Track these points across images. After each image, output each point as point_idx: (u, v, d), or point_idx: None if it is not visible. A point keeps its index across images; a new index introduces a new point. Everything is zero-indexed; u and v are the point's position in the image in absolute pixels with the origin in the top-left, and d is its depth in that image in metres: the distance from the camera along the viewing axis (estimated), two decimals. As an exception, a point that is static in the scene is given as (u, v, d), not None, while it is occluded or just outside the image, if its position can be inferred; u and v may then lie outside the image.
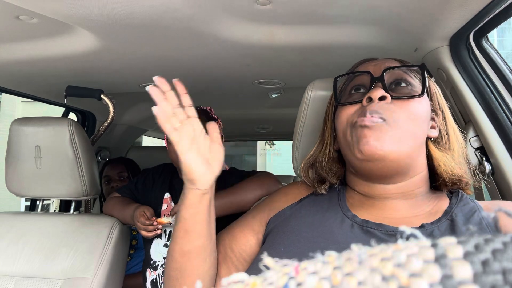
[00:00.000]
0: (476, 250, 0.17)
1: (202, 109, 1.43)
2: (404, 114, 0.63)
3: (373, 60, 0.74)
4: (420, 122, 0.64)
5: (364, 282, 0.18)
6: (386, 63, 0.70)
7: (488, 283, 0.16)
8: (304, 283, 0.20)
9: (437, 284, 0.16)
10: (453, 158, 0.67)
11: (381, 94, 0.64)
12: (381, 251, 0.20)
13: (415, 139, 0.63)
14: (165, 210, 1.34)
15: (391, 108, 0.63)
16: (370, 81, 0.67)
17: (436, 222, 0.62)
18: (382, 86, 0.65)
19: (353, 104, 0.67)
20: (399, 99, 0.64)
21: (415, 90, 0.66)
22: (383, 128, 0.61)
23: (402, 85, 0.67)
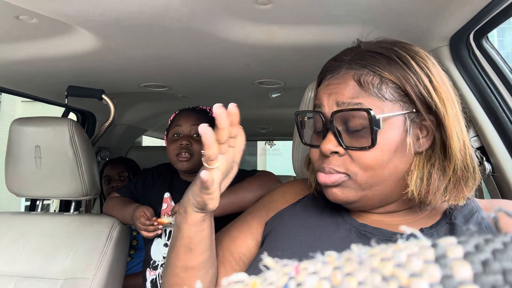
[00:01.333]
0: (476, 250, 0.17)
1: (202, 109, 1.43)
2: (362, 165, 0.58)
3: (333, 79, 0.63)
4: (382, 165, 0.58)
5: (364, 282, 0.18)
6: (340, 93, 0.60)
7: (488, 283, 0.16)
8: (304, 283, 0.20)
9: (437, 284, 0.16)
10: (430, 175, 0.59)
11: (331, 150, 0.59)
12: (381, 251, 0.20)
13: (384, 181, 0.59)
14: (165, 210, 1.34)
15: (346, 160, 0.59)
16: (322, 125, 0.62)
17: (435, 226, 0.61)
18: (333, 133, 0.60)
19: (314, 147, 0.65)
20: (351, 149, 0.59)
21: (366, 134, 0.57)
22: (344, 183, 0.60)
23: (353, 131, 0.59)
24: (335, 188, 0.61)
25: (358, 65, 0.61)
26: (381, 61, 0.60)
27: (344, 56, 0.65)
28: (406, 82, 0.58)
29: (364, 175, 0.58)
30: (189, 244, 0.64)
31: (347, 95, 0.59)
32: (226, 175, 0.61)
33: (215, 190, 0.58)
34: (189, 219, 0.63)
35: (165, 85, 1.59)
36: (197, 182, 0.60)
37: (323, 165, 0.61)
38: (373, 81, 0.59)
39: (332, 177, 0.60)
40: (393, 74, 0.58)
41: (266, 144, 11.57)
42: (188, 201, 0.62)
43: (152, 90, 1.64)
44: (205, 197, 0.58)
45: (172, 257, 0.66)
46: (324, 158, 0.61)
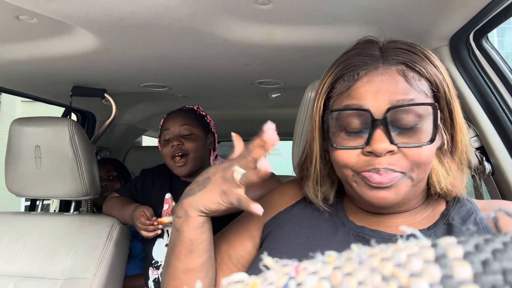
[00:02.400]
0: (476, 250, 0.17)
1: (188, 108, 1.43)
2: (417, 162, 0.56)
3: (373, 75, 0.59)
4: (431, 162, 0.58)
5: (364, 282, 0.18)
6: (390, 90, 0.57)
7: (488, 283, 0.16)
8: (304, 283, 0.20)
9: (437, 284, 0.16)
10: (450, 168, 0.62)
11: (386, 149, 0.55)
12: (381, 251, 0.20)
13: (426, 176, 0.60)
14: (167, 211, 1.34)
15: (400, 158, 0.56)
16: (370, 123, 0.57)
17: (433, 227, 0.61)
18: (385, 133, 0.56)
19: (351, 149, 0.59)
20: (407, 147, 0.56)
21: (425, 129, 0.56)
22: (400, 182, 0.57)
23: (410, 127, 0.56)
24: (387, 191, 0.57)
25: (395, 60, 0.59)
26: (416, 58, 0.59)
27: (372, 52, 0.62)
28: (436, 79, 0.59)
29: (418, 172, 0.57)
30: (190, 246, 0.63)
31: (399, 92, 0.56)
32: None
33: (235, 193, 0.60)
34: (191, 222, 0.62)
35: (165, 85, 1.59)
36: (215, 191, 0.59)
37: (374, 166, 0.56)
38: (414, 77, 0.58)
39: (389, 176, 0.56)
40: (427, 70, 0.59)
41: (266, 144, 11.54)
42: (191, 205, 0.61)
43: (152, 90, 1.64)
44: (224, 209, 0.59)
45: (172, 260, 0.66)
46: (372, 159, 0.56)
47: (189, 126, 1.34)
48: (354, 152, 0.58)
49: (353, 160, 0.58)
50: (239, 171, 0.57)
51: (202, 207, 0.60)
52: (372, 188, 0.57)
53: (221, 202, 0.60)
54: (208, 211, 0.61)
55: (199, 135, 1.36)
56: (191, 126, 1.35)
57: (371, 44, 0.64)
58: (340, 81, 0.62)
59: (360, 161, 0.58)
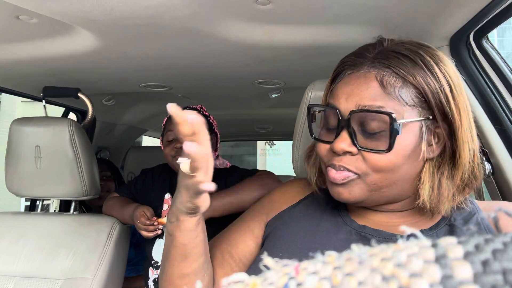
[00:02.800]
0: (476, 250, 0.17)
1: (192, 108, 1.42)
2: (374, 167, 0.57)
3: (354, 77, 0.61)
4: (395, 168, 0.57)
5: (365, 282, 0.18)
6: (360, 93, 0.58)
7: (489, 283, 0.16)
8: (304, 283, 0.20)
9: (437, 284, 0.16)
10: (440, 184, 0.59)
11: (345, 149, 0.58)
12: (381, 251, 0.20)
13: (393, 184, 0.59)
14: (167, 211, 1.34)
15: (359, 160, 0.58)
16: (337, 122, 0.60)
17: (435, 228, 0.61)
18: (349, 133, 0.58)
19: (324, 142, 0.63)
20: (365, 151, 0.57)
21: (384, 137, 0.56)
22: (353, 182, 0.59)
23: (370, 133, 0.57)
24: (342, 188, 0.60)
25: (381, 64, 0.59)
26: (405, 64, 0.58)
27: (366, 53, 0.62)
28: (428, 88, 0.57)
29: (375, 176, 0.58)
30: (184, 251, 0.63)
31: (368, 97, 0.57)
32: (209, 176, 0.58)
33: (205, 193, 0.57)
34: (183, 226, 0.61)
35: (165, 85, 1.59)
36: (182, 191, 0.57)
37: (333, 162, 0.60)
38: (395, 84, 0.57)
39: (342, 174, 0.59)
40: (416, 78, 0.57)
41: (266, 144, 11.58)
42: (178, 209, 0.60)
43: (152, 90, 1.64)
44: (197, 202, 0.57)
45: (168, 266, 0.65)
46: (334, 155, 0.60)
47: None
48: (326, 146, 0.62)
49: (324, 153, 0.63)
50: (183, 162, 0.54)
51: (183, 208, 0.59)
52: (330, 183, 0.62)
53: (189, 197, 0.57)
54: (189, 210, 0.59)
55: None
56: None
57: (372, 45, 0.64)
58: (336, 78, 0.66)
59: (327, 156, 0.62)
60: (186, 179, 0.55)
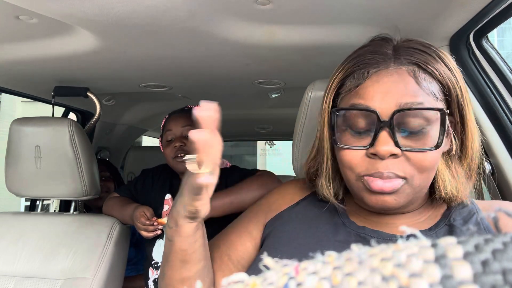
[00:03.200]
0: (476, 250, 0.17)
1: (190, 108, 1.42)
2: (420, 168, 0.55)
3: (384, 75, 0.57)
4: (435, 167, 0.57)
5: (364, 282, 0.18)
6: (399, 91, 0.56)
7: (488, 283, 0.16)
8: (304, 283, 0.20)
9: (437, 284, 0.16)
10: (457, 174, 0.61)
11: (390, 152, 0.54)
12: (381, 251, 0.20)
13: (429, 182, 0.59)
14: (167, 211, 1.34)
15: (403, 163, 0.55)
16: (376, 124, 0.55)
17: (434, 228, 0.61)
18: (390, 135, 0.54)
19: (355, 149, 0.58)
20: (412, 151, 0.55)
21: (431, 135, 0.55)
22: (401, 189, 0.56)
23: (415, 132, 0.55)
24: (388, 196, 0.56)
25: (407, 60, 0.58)
26: (429, 59, 0.58)
27: (385, 50, 0.60)
28: (450, 82, 0.58)
29: (420, 177, 0.56)
30: (183, 257, 0.62)
31: (408, 94, 0.55)
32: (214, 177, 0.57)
33: (206, 195, 0.56)
34: (182, 232, 0.60)
35: (165, 85, 1.59)
36: (184, 192, 0.57)
37: (377, 170, 0.55)
38: (426, 79, 0.57)
39: (392, 183, 0.55)
40: (441, 73, 0.57)
41: (266, 144, 11.57)
42: (178, 213, 0.59)
43: (152, 90, 1.64)
44: (197, 204, 0.56)
45: (167, 270, 0.64)
46: (376, 162, 0.55)
47: (191, 127, 1.33)
48: (358, 153, 0.57)
49: (357, 161, 0.57)
50: (189, 159, 0.53)
51: (184, 212, 0.58)
52: (373, 193, 0.57)
53: (191, 199, 0.55)
54: (190, 213, 0.57)
55: None
56: (193, 127, 1.34)
57: (385, 42, 0.63)
58: (350, 78, 0.61)
59: (363, 163, 0.57)
60: (191, 177, 0.53)
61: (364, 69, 0.59)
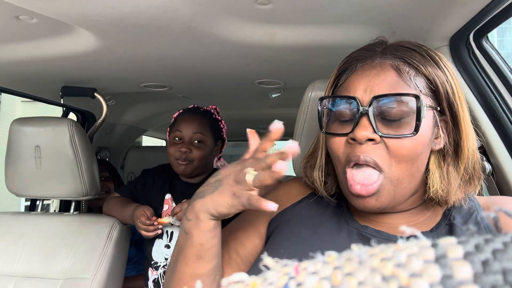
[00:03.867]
0: (476, 250, 0.17)
1: (205, 110, 1.42)
2: (398, 156, 0.57)
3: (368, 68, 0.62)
4: (415, 157, 0.58)
5: (365, 282, 0.18)
6: (379, 81, 0.59)
7: (488, 283, 0.16)
8: (304, 283, 0.20)
9: (437, 284, 0.16)
10: (448, 174, 0.61)
11: (367, 137, 0.57)
12: (381, 251, 0.20)
13: (411, 176, 0.59)
14: (167, 211, 1.34)
15: (382, 150, 0.57)
16: (356, 111, 0.59)
17: (436, 229, 0.61)
18: (369, 121, 0.57)
19: (339, 136, 0.61)
20: (389, 137, 0.57)
21: (408, 121, 0.57)
22: (380, 189, 0.58)
23: (393, 119, 0.57)
24: (369, 198, 0.58)
25: (393, 55, 0.61)
26: (415, 55, 0.60)
27: (375, 47, 0.64)
28: (437, 79, 0.59)
29: (397, 168, 0.57)
30: (199, 251, 0.60)
31: (386, 86, 0.58)
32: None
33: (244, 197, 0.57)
34: (203, 226, 0.59)
35: (165, 85, 1.59)
36: (225, 194, 0.57)
37: (356, 154, 0.57)
38: (410, 72, 0.59)
39: (368, 188, 0.57)
40: (427, 69, 0.59)
41: (266, 144, 11.53)
42: (202, 208, 0.59)
43: (152, 90, 1.64)
44: (234, 211, 0.57)
45: (180, 264, 0.63)
46: (355, 148, 0.58)
47: (201, 135, 1.33)
48: (341, 140, 0.61)
49: (341, 149, 0.61)
50: (251, 172, 0.55)
51: (213, 210, 0.58)
52: (351, 195, 0.60)
53: (231, 205, 0.56)
54: (219, 214, 0.58)
55: (209, 145, 1.35)
56: (204, 135, 1.33)
57: (378, 42, 0.66)
58: (343, 74, 0.66)
59: (345, 150, 0.60)
60: (243, 187, 0.55)
61: (353, 64, 0.64)
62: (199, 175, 1.38)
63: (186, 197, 1.32)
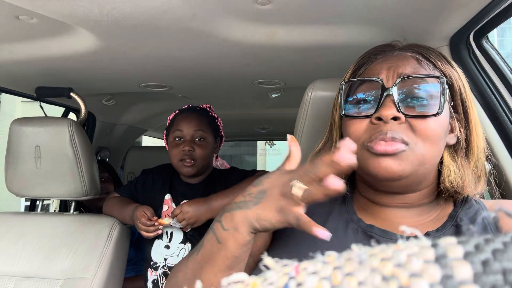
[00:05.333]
0: (476, 250, 0.17)
1: (202, 108, 1.42)
2: (423, 135, 0.58)
3: (389, 56, 0.65)
4: (438, 140, 0.59)
5: (365, 282, 0.18)
6: (402, 65, 0.62)
7: (489, 283, 0.16)
8: (304, 283, 0.20)
9: (437, 284, 0.16)
10: (463, 167, 0.62)
11: (393, 115, 0.57)
12: (381, 251, 0.20)
13: (434, 159, 0.60)
14: (166, 212, 1.34)
15: (407, 129, 0.58)
16: (380, 92, 0.60)
17: (441, 229, 0.61)
18: (394, 101, 0.58)
19: (360, 118, 0.61)
20: (414, 117, 0.58)
21: (432, 103, 0.58)
22: (404, 154, 0.57)
23: (417, 99, 0.59)
24: (391, 159, 0.57)
25: (411, 50, 0.65)
26: (431, 52, 0.64)
27: (392, 44, 0.68)
28: (452, 75, 0.62)
29: (423, 146, 0.58)
30: (232, 263, 0.56)
31: (410, 69, 0.61)
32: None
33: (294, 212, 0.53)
34: (241, 239, 0.54)
35: (165, 85, 1.59)
36: (269, 207, 0.52)
37: (382, 130, 0.57)
38: (428, 65, 0.62)
39: (394, 145, 0.56)
40: (443, 65, 0.63)
41: (266, 144, 11.57)
42: (243, 219, 0.54)
43: (152, 90, 1.64)
44: (277, 227, 0.52)
45: (207, 274, 0.57)
46: (379, 126, 0.58)
47: (203, 132, 1.33)
48: (363, 122, 0.61)
49: (362, 130, 0.61)
50: (299, 186, 0.50)
51: (256, 223, 0.53)
52: (376, 156, 0.58)
53: (277, 221, 0.52)
54: (262, 229, 0.53)
55: (210, 142, 1.35)
56: (205, 132, 1.33)
57: (390, 45, 0.70)
58: (360, 68, 0.68)
59: (367, 131, 0.60)
60: (290, 202, 0.50)
61: (372, 57, 0.67)
62: (200, 175, 1.38)
63: (185, 198, 1.32)
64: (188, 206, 1.23)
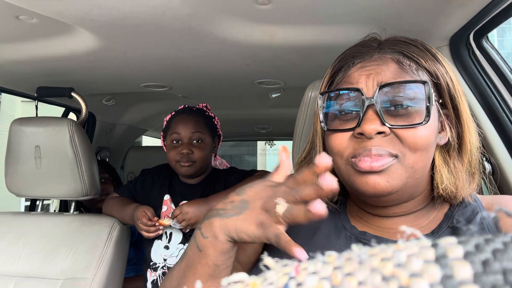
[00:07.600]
0: (477, 250, 0.17)
1: (198, 109, 1.42)
2: (412, 145, 0.54)
3: (368, 61, 0.60)
4: (428, 146, 0.55)
5: (365, 282, 0.18)
6: (382, 72, 0.57)
7: (489, 283, 0.16)
8: (304, 283, 0.20)
9: (437, 284, 0.16)
10: (456, 169, 0.59)
11: (377, 130, 0.54)
12: (381, 251, 0.20)
13: (425, 167, 0.57)
14: (165, 212, 1.34)
15: (394, 141, 0.54)
16: (361, 103, 0.56)
17: (437, 231, 0.59)
18: (377, 112, 0.54)
19: (342, 132, 0.58)
20: (400, 128, 0.54)
21: (418, 110, 0.54)
22: (392, 168, 0.53)
23: (402, 106, 0.54)
24: (379, 176, 0.54)
25: (391, 50, 0.59)
26: (413, 48, 0.59)
27: (370, 43, 0.62)
28: (438, 71, 0.58)
29: (413, 156, 0.54)
30: (214, 271, 0.54)
31: (390, 75, 0.56)
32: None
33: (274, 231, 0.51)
34: (220, 247, 0.53)
35: (165, 85, 1.59)
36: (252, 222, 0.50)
37: (367, 147, 0.54)
38: (411, 65, 0.58)
39: (380, 160, 0.53)
40: (427, 61, 0.58)
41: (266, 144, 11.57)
42: (222, 228, 0.52)
43: (152, 90, 1.64)
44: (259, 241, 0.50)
45: (189, 282, 0.56)
46: (363, 141, 0.55)
47: (200, 134, 1.32)
48: (345, 136, 0.57)
49: (344, 144, 0.57)
50: (282, 204, 0.48)
51: (234, 234, 0.51)
52: (362, 174, 0.55)
53: (255, 235, 0.50)
54: (240, 240, 0.51)
55: (208, 142, 1.35)
56: (202, 133, 1.33)
57: (371, 38, 0.65)
58: (338, 73, 0.63)
59: (350, 145, 0.56)
60: (271, 218, 0.48)
61: (350, 61, 0.62)
62: (199, 175, 1.38)
63: (184, 198, 1.32)
64: (188, 206, 1.23)
